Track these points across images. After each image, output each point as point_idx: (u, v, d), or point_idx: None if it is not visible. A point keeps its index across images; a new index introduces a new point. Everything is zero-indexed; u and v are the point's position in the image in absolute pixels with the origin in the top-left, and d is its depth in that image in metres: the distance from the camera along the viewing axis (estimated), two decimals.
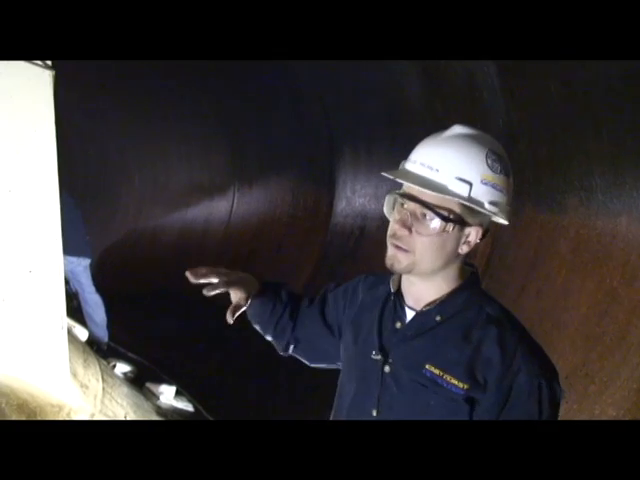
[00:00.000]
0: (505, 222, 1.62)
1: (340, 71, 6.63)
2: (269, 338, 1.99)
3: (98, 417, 3.71)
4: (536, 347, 1.61)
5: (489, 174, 1.54)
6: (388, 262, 1.61)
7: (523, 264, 4.54)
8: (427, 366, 1.58)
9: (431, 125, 5.47)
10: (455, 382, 1.54)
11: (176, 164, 11.32)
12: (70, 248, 4.52)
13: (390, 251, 1.60)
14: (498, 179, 1.56)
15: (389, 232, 1.61)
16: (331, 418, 1.83)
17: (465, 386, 1.53)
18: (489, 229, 1.65)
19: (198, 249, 9.91)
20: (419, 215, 1.55)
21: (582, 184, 4.01)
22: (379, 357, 1.65)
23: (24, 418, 3.03)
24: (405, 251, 1.57)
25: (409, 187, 1.57)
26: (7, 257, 3.24)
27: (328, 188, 7.28)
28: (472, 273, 1.71)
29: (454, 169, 1.52)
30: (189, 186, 10.87)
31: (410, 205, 1.56)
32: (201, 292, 1.82)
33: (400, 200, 1.59)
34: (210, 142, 10.15)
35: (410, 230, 1.55)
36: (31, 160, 3.35)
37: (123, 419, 4.00)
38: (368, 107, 6.47)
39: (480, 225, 1.59)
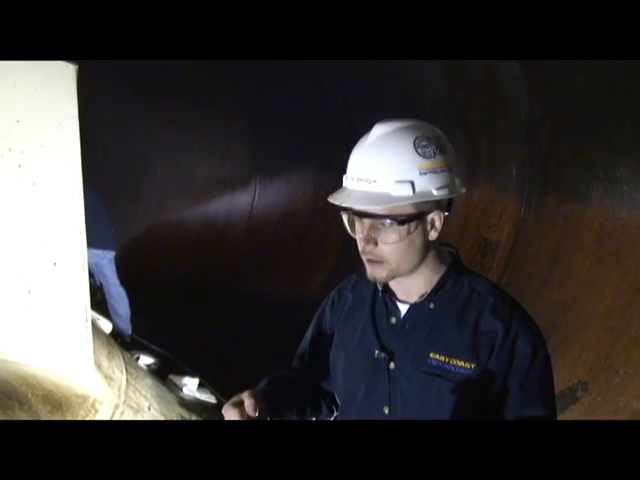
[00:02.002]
0: (462, 192, 1.62)
1: (362, 64, 6.61)
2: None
3: (122, 408, 3.75)
4: (527, 314, 1.64)
5: (424, 162, 1.52)
6: (370, 277, 1.63)
7: (546, 255, 4.51)
8: (431, 355, 1.60)
9: (453, 117, 5.44)
10: (462, 364, 1.57)
11: (198, 157, 11.36)
12: (95, 241, 4.57)
13: (367, 267, 1.62)
14: (435, 162, 1.53)
15: (359, 249, 1.61)
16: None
17: (472, 365, 1.56)
18: (452, 199, 1.63)
19: (220, 242, 9.95)
20: (378, 226, 1.55)
21: (606, 175, 3.96)
22: (383, 355, 1.66)
23: (49, 408, 3.07)
24: (379, 263, 1.58)
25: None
26: (32, 250, 3.28)
27: None
28: (453, 254, 1.73)
29: (390, 174, 1.51)
30: (211, 179, 10.90)
31: (365, 220, 1.56)
32: (223, 285, 1.83)
33: (355, 216, 1.59)
34: (231, 135, 10.17)
35: (375, 243, 1.56)
36: (55, 154, 3.39)
37: (145, 412, 4.04)
38: (389, 99, 6.44)
39: (439, 208, 1.59)
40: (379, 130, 1.58)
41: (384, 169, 1.52)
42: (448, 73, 5.57)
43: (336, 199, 1.58)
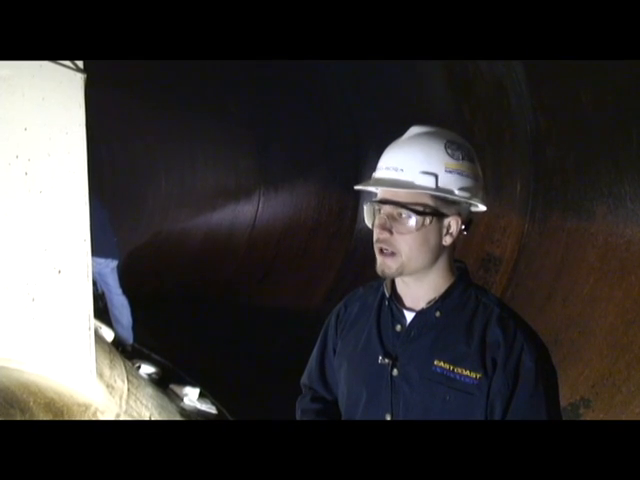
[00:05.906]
0: (483, 208, 1.69)
1: (367, 76, 6.64)
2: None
3: (123, 417, 3.74)
4: (531, 329, 1.66)
5: (451, 162, 1.61)
6: (379, 269, 1.66)
7: (550, 271, 4.51)
8: (436, 362, 1.61)
9: (459, 132, 5.43)
10: (467, 373, 1.58)
11: (202, 168, 11.40)
12: (98, 250, 4.57)
13: (378, 258, 1.65)
14: (462, 165, 1.62)
15: (374, 239, 1.66)
16: None
17: (478, 375, 1.57)
18: (472, 219, 1.71)
19: (223, 252, 9.96)
20: (396, 215, 1.61)
21: (611, 191, 3.97)
22: (386, 361, 1.67)
23: (51, 417, 3.06)
24: (392, 255, 1.62)
25: (382, 192, 1.65)
26: (37, 257, 3.29)
27: (353, 193, 7.29)
28: (462, 268, 1.76)
29: (417, 165, 1.60)
30: (215, 189, 10.93)
31: (386, 208, 1.63)
32: (225, 295, 1.87)
33: (377, 207, 1.66)
34: (236, 146, 10.20)
35: (390, 232, 1.61)
36: (62, 162, 3.40)
37: (146, 419, 4.03)
38: (395, 113, 6.47)
39: (458, 214, 1.65)
40: (415, 130, 1.69)
41: (412, 159, 1.61)
42: (454, 88, 5.59)
43: (362, 184, 1.69)
